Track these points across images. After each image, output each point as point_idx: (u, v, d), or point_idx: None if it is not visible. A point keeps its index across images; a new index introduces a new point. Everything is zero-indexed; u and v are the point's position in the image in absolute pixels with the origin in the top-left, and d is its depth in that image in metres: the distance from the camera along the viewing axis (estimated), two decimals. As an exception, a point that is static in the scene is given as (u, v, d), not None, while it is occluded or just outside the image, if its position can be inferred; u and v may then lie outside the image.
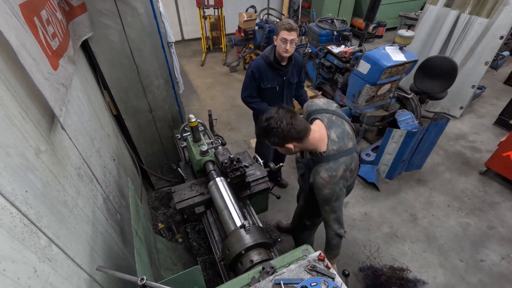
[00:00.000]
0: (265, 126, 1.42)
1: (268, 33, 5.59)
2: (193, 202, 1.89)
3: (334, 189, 1.52)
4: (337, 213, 1.61)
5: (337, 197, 1.55)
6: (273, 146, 1.50)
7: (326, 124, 1.55)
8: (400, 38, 3.15)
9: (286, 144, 1.44)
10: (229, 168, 1.82)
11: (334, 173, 1.49)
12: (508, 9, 3.68)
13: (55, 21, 1.39)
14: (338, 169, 1.50)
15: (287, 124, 1.38)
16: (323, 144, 1.52)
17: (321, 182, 1.51)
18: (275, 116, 1.40)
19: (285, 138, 1.41)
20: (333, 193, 1.53)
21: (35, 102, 1.08)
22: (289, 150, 1.49)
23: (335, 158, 1.51)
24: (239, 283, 1.21)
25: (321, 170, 1.51)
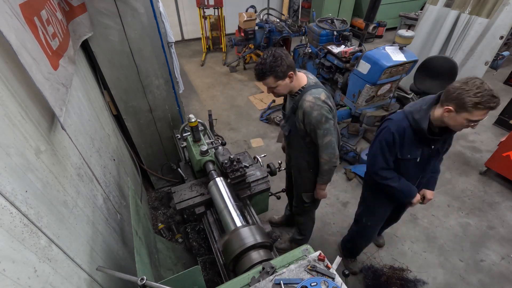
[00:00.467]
0: (271, 59, 1.63)
1: (268, 33, 5.59)
2: (193, 203, 1.89)
3: (321, 111, 1.70)
4: (328, 135, 1.77)
5: (326, 119, 1.72)
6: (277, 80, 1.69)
7: (304, 72, 1.85)
8: (400, 38, 3.15)
9: (290, 72, 1.67)
10: (229, 169, 1.82)
11: (317, 95, 1.71)
12: (508, 9, 3.68)
13: (55, 21, 1.39)
14: (320, 94, 1.72)
15: (286, 55, 1.65)
16: (304, 81, 1.80)
17: (308, 105, 1.70)
18: (274, 52, 1.64)
19: (288, 66, 1.65)
20: (321, 114, 1.70)
21: (35, 102, 1.08)
22: (288, 83, 1.71)
23: (316, 87, 1.76)
24: (239, 283, 1.21)
25: (305, 96, 1.73)
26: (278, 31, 5.54)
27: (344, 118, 3.85)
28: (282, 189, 2.50)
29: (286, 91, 1.79)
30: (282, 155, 3.96)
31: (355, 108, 3.62)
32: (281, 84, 1.71)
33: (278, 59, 1.62)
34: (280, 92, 1.78)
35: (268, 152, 4.07)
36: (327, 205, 3.25)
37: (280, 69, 1.64)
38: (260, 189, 2.02)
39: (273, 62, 1.62)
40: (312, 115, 1.71)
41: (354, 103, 3.62)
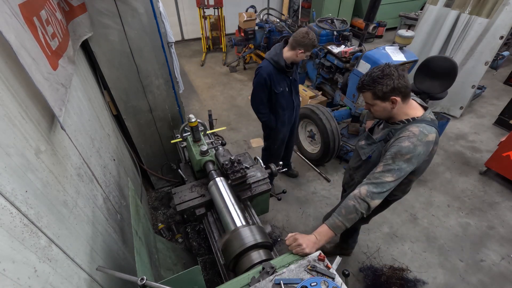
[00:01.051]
0: (377, 73, 1.40)
1: (268, 33, 5.59)
2: (194, 204, 1.88)
3: (416, 147, 1.37)
4: (393, 175, 1.40)
5: (410, 159, 1.38)
6: (375, 99, 1.45)
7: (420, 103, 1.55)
8: (400, 38, 3.15)
9: (393, 96, 1.40)
10: (230, 170, 1.81)
11: (426, 132, 1.39)
12: (508, 9, 3.68)
13: (55, 21, 1.39)
14: (430, 133, 1.40)
15: (399, 76, 1.38)
16: (419, 112, 1.48)
17: (408, 134, 1.40)
18: (386, 67, 1.40)
19: (394, 89, 1.38)
20: (411, 150, 1.37)
21: (35, 102, 1.08)
22: (388, 107, 1.45)
23: (431, 125, 1.42)
24: (239, 283, 1.21)
25: (412, 126, 1.42)
26: (278, 31, 5.54)
27: (344, 118, 3.86)
28: (282, 190, 2.50)
29: (382, 115, 1.53)
30: (282, 155, 3.97)
31: (355, 108, 3.62)
32: (378, 104, 1.47)
33: (385, 77, 1.38)
34: (376, 113, 1.53)
35: (268, 152, 4.07)
36: (327, 205, 3.25)
37: (380, 88, 1.40)
38: (260, 190, 1.99)
39: (379, 77, 1.40)
40: (401, 143, 1.40)
41: (354, 103, 3.62)
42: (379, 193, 1.42)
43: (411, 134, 1.39)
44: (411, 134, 1.39)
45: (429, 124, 1.42)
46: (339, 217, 1.43)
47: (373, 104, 1.48)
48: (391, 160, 1.41)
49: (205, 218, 1.94)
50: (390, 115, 1.50)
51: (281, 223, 3.09)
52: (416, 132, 1.39)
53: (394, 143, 1.44)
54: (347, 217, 1.42)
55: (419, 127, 1.40)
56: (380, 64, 1.44)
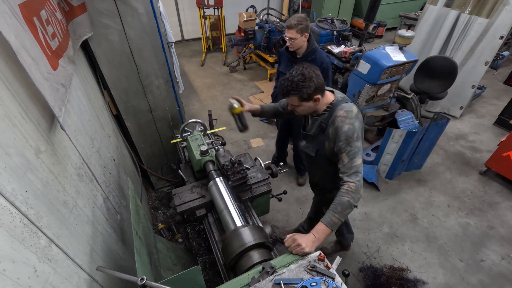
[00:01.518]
0: (299, 78, 1.47)
1: (268, 33, 5.59)
2: (194, 205, 1.87)
3: (353, 124, 1.51)
4: (358, 157, 1.50)
5: (358, 136, 1.51)
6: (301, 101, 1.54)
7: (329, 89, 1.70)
8: (400, 38, 3.15)
9: (316, 95, 1.52)
10: (231, 171, 1.80)
11: (349, 109, 1.55)
12: (508, 9, 3.68)
13: (55, 21, 1.39)
14: (352, 107, 1.56)
15: (317, 75, 1.49)
16: (330, 97, 1.64)
17: (340, 119, 1.53)
18: (305, 70, 1.48)
19: (316, 89, 1.49)
20: (353, 129, 1.50)
21: (35, 102, 1.08)
22: (312, 105, 1.57)
23: (346, 101, 1.60)
24: (239, 283, 1.21)
25: (336, 111, 1.56)
26: (278, 31, 5.53)
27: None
28: (283, 191, 2.49)
29: (308, 112, 1.68)
30: (282, 155, 3.96)
31: (355, 108, 3.62)
32: (304, 105, 1.58)
33: (307, 80, 1.47)
34: (301, 113, 1.66)
35: (268, 152, 4.07)
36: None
37: (306, 91, 1.50)
38: (261, 191, 1.99)
39: (301, 82, 1.48)
40: (342, 129, 1.52)
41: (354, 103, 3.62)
42: (361, 178, 1.50)
43: (342, 118, 1.53)
44: (342, 118, 1.53)
45: (345, 101, 1.60)
46: (335, 214, 1.43)
47: (299, 105, 1.58)
48: (348, 146, 1.52)
49: (206, 219, 1.93)
50: (313, 110, 1.64)
51: (281, 223, 3.08)
52: (343, 114, 1.54)
53: (338, 134, 1.55)
54: (343, 212, 1.44)
55: (342, 108, 1.56)
56: (297, 67, 1.52)
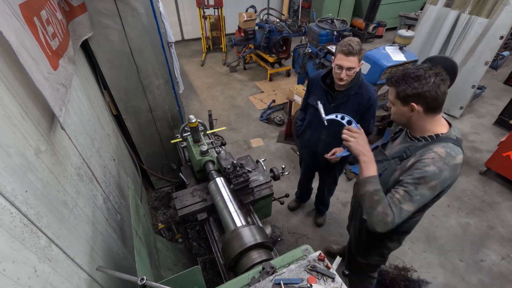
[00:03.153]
0: (410, 72, 1.21)
1: (268, 33, 5.59)
2: (195, 209, 1.85)
3: (442, 172, 1.18)
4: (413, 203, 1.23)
5: (435, 186, 1.20)
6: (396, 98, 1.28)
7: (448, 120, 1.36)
8: (400, 38, 3.15)
9: (414, 102, 1.21)
10: (232, 174, 1.77)
11: (453, 154, 1.20)
12: (508, 9, 3.68)
13: (55, 21, 1.39)
14: (458, 154, 1.21)
15: (434, 84, 1.17)
16: (444, 128, 1.28)
17: (433, 156, 1.20)
18: (425, 69, 1.20)
19: (419, 95, 1.19)
20: (438, 176, 1.19)
21: (35, 102, 1.08)
22: (406, 112, 1.27)
23: (457, 144, 1.23)
24: (239, 283, 1.21)
25: (436, 146, 1.22)
26: (278, 31, 5.54)
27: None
28: (285, 194, 2.47)
29: (399, 120, 1.35)
30: (282, 156, 3.97)
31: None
32: (397, 106, 1.30)
33: (417, 79, 1.19)
34: (394, 115, 1.36)
35: (268, 152, 4.07)
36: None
37: (404, 88, 1.22)
38: (263, 194, 1.95)
39: (409, 76, 1.21)
40: (425, 168, 1.20)
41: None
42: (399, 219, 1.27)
43: (436, 156, 1.20)
44: (436, 156, 1.20)
45: (456, 143, 1.23)
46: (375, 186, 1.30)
47: (394, 103, 1.32)
48: (413, 186, 1.23)
49: (207, 225, 1.91)
50: (408, 123, 1.33)
51: (281, 223, 3.08)
52: (442, 154, 1.20)
53: (417, 166, 1.24)
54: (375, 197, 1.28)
55: (445, 147, 1.21)
56: (425, 64, 1.25)
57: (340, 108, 2.00)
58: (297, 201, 3.20)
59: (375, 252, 1.74)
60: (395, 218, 1.25)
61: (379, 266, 1.92)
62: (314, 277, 1.18)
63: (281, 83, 5.89)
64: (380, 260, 1.79)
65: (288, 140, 4.24)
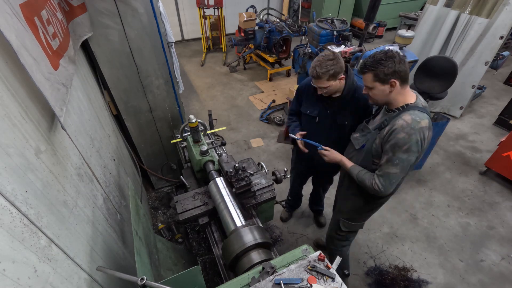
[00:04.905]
0: (380, 56, 1.41)
1: (268, 33, 5.59)
2: (197, 213, 1.83)
3: (411, 136, 1.40)
4: (397, 167, 1.47)
5: (408, 149, 1.42)
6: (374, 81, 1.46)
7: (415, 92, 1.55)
8: (400, 38, 3.15)
9: (393, 78, 1.41)
10: (234, 178, 1.75)
11: (418, 119, 1.40)
12: (508, 9, 3.68)
13: (56, 21, 1.39)
14: (423, 119, 1.41)
15: (401, 60, 1.40)
16: (411, 98, 1.49)
17: (401, 123, 1.41)
18: (389, 51, 1.42)
19: (395, 72, 1.40)
20: (408, 140, 1.40)
21: (35, 102, 1.08)
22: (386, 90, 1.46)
23: (422, 110, 1.44)
24: (239, 283, 1.21)
25: (404, 114, 1.43)
26: (278, 31, 5.54)
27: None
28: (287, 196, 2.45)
29: (380, 99, 1.53)
30: (282, 156, 3.97)
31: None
32: (377, 87, 1.47)
33: (388, 59, 1.39)
34: (375, 97, 1.52)
35: (268, 152, 4.07)
36: (326, 205, 3.25)
37: (382, 69, 1.41)
38: (265, 198, 1.91)
39: (382, 59, 1.41)
40: (397, 135, 1.42)
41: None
42: (390, 183, 1.53)
43: (404, 123, 1.41)
44: (404, 123, 1.41)
45: (421, 110, 1.44)
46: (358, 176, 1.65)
47: (372, 86, 1.48)
48: (391, 152, 1.47)
49: (209, 229, 1.90)
50: (387, 99, 1.51)
51: (281, 223, 3.09)
52: (408, 120, 1.40)
53: (391, 135, 1.45)
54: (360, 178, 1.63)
55: (411, 114, 1.42)
56: (383, 49, 1.46)
57: (337, 114, 1.99)
58: (289, 209, 3.13)
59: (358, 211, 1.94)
60: (384, 183, 1.53)
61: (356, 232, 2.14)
62: (314, 277, 1.18)
63: (281, 83, 5.89)
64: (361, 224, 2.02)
65: (288, 140, 4.24)
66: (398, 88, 1.44)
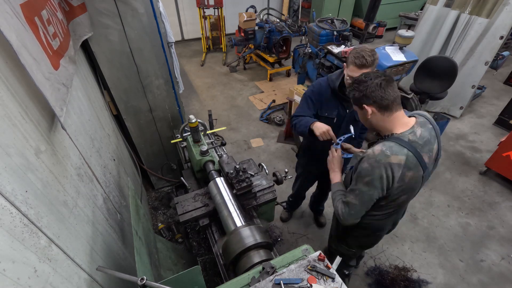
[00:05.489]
0: (358, 78, 1.34)
1: (268, 33, 5.59)
2: (197, 215, 1.82)
3: (373, 169, 1.28)
4: (353, 199, 1.41)
5: (369, 182, 1.31)
6: (354, 104, 1.40)
7: (418, 121, 1.37)
8: (400, 38, 3.16)
9: (365, 104, 1.31)
10: (235, 179, 1.75)
11: (388, 153, 1.26)
12: (508, 9, 3.68)
13: (56, 21, 1.39)
14: (396, 154, 1.25)
15: (377, 85, 1.26)
16: (401, 128, 1.33)
17: (369, 153, 1.31)
18: (372, 74, 1.31)
19: (366, 96, 1.29)
20: (370, 173, 1.30)
21: (35, 102, 1.08)
22: (365, 115, 1.35)
23: (402, 145, 1.27)
24: (239, 283, 1.21)
25: (378, 145, 1.32)
26: (278, 31, 5.54)
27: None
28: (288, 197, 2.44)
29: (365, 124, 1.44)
30: (282, 156, 3.97)
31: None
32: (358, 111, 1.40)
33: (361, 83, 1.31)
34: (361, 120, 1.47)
35: (268, 152, 4.07)
36: (326, 205, 3.25)
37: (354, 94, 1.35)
38: (266, 199, 1.90)
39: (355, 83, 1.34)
40: (361, 164, 1.34)
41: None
42: (348, 213, 1.47)
43: (371, 153, 1.30)
44: (371, 153, 1.30)
45: (401, 144, 1.27)
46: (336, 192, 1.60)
47: (356, 110, 1.42)
48: (355, 181, 1.40)
49: (209, 229, 1.89)
50: (372, 126, 1.40)
51: (281, 223, 3.09)
52: (376, 151, 1.28)
53: (359, 163, 1.37)
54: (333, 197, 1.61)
55: (383, 146, 1.28)
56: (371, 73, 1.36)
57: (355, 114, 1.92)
58: (289, 210, 3.13)
59: (343, 240, 1.91)
60: (344, 210, 1.48)
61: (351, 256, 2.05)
62: (314, 277, 1.18)
63: (281, 83, 5.89)
64: (347, 249, 1.94)
65: (288, 140, 4.24)
66: (378, 114, 1.31)
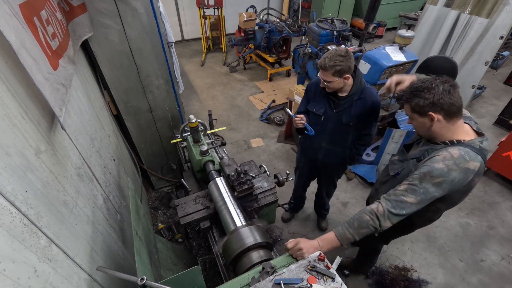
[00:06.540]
0: (418, 85, 1.26)
1: (268, 33, 5.59)
2: (198, 217, 1.80)
3: (450, 171, 1.20)
4: (411, 197, 1.26)
5: (440, 184, 1.22)
6: (413, 112, 1.32)
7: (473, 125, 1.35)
8: (400, 38, 3.15)
9: (431, 112, 1.24)
10: (236, 181, 1.73)
11: (467, 158, 1.20)
12: (508, 9, 3.68)
13: (55, 21, 1.39)
14: (473, 160, 1.20)
15: (444, 90, 1.21)
16: (468, 136, 1.28)
17: (444, 155, 1.22)
18: (432, 79, 1.25)
19: (434, 104, 1.22)
20: (444, 174, 1.20)
21: (35, 102, 1.08)
22: (426, 123, 1.29)
23: (476, 151, 1.22)
24: (239, 283, 1.21)
25: (453, 148, 1.24)
26: (278, 31, 5.54)
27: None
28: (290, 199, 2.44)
29: (421, 132, 1.38)
30: (282, 156, 3.97)
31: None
32: (416, 119, 1.33)
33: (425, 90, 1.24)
34: (416, 129, 1.39)
35: (268, 152, 4.07)
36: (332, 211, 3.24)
37: (417, 102, 1.27)
38: (267, 201, 1.88)
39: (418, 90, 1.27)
40: (434, 164, 1.23)
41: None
42: (397, 214, 1.29)
43: (448, 155, 1.22)
44: (448, 155, 1.22)
45: (475, 151, 1.23)
46: (349, 229, 1.33)
47: (412, 117, 1.34)
48: (418, 180, 1.26)
49: (210, 231, 1.88)
50: (430, 133, 1.33)
51: (281, 224, 3.08)
52: (455, 154, 1.21)
53: (426, 162, 1.27)
54: (359, 231, 1.32)
55: (460, 150, 1.22)
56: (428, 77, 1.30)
57: (343, 114, 1.98)
58: (291, 211, 3.11)
59: None
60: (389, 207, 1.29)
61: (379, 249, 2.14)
62: (314, 277, 1.18)
63: (281, 83, 5.89)
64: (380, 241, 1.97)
65: (288, 140, 4.24)
66: (443, 122, 1.25)
